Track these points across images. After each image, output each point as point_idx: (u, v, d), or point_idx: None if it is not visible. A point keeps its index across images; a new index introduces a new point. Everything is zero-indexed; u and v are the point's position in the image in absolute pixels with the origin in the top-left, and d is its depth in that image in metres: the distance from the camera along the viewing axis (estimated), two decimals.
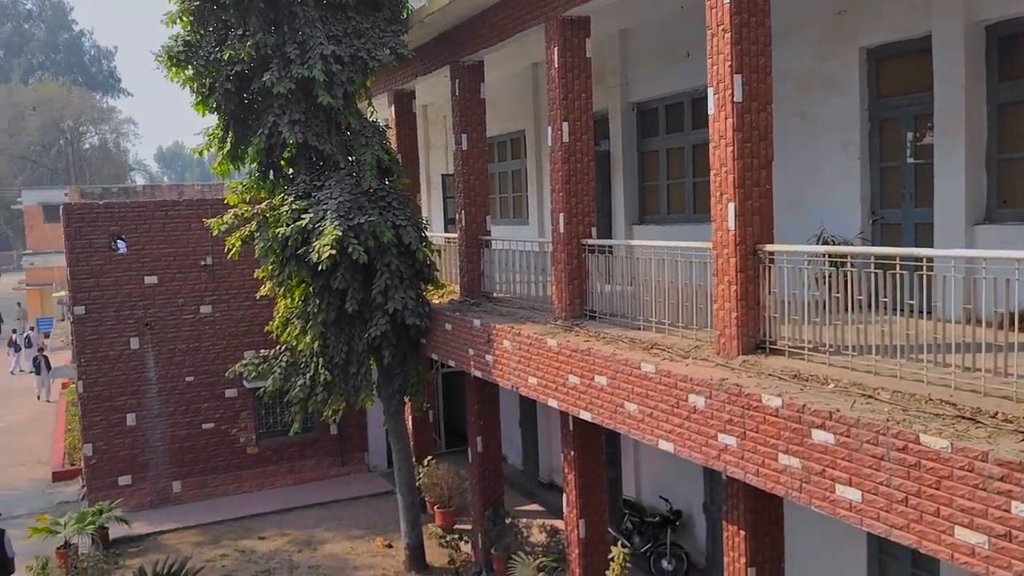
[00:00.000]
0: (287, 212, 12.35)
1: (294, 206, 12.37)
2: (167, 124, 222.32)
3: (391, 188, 13.16)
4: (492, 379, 11.47)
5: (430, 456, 16.36)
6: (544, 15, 10.37)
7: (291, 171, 13.17)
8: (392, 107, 15.83)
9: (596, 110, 10.77)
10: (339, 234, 11.69)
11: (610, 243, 10.53)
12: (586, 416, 9.28)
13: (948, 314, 6.29)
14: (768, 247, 7.47)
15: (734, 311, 7.51)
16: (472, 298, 12.95)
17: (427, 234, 13.43)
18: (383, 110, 15.93)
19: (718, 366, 7.54)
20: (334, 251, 11.66)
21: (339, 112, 12.73)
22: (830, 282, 7.07)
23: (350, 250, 11.88)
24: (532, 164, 16.24)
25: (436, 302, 13.47)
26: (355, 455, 19.25)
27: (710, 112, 7.67)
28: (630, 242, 10.63)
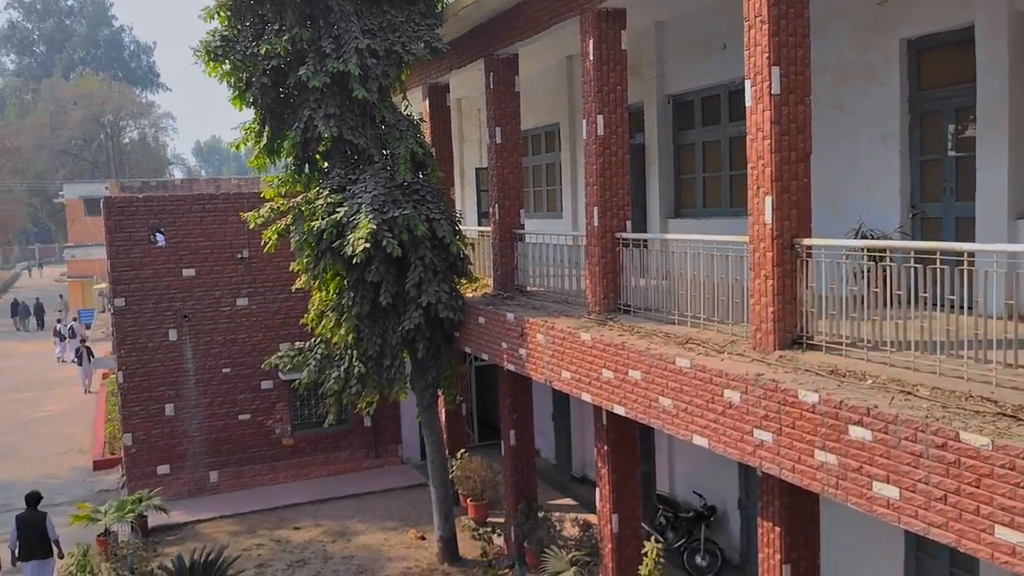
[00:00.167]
0: (322, 206, 12.44)
1: (329, 200, 12.46)
2: (205, 118, 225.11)
3: (425, 182, 13.19)
4: (525, 373, 11.48)
5: (463, 449, 16.42)
6: (579, 7, 10.32)
7: (326, 165, 13.25)
8: (426, 101, 15.86)
9: (631, 103, 10.71)
10: (373, 227, 11.75)
11: (645, 237, 10.47)
12: (620, 411, 9.25)
13: (989, 310, 6.19)
14: (805, 241, 7.39)
15: (771, 306, 7.45)
16: (505, 292, 12.96)
17: (461, 227, 13.45)
18: (417, 104, 15.98)
19: (754, 361, 7.48)
20: (368, 244, 11.72)
21: (374, 106, 12.78)
22: (868, 277, 6.98)
23: (384, 243, 11.94)
24: (566, 157, 16.20)
25: (469, 295, 13.50)
26: (389, 447, 19.37)
27: (747, 105, 7.60)
28: (665, 236, 10.57)
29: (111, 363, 21.99)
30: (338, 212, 12.21)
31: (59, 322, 39.15)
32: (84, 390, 29.38)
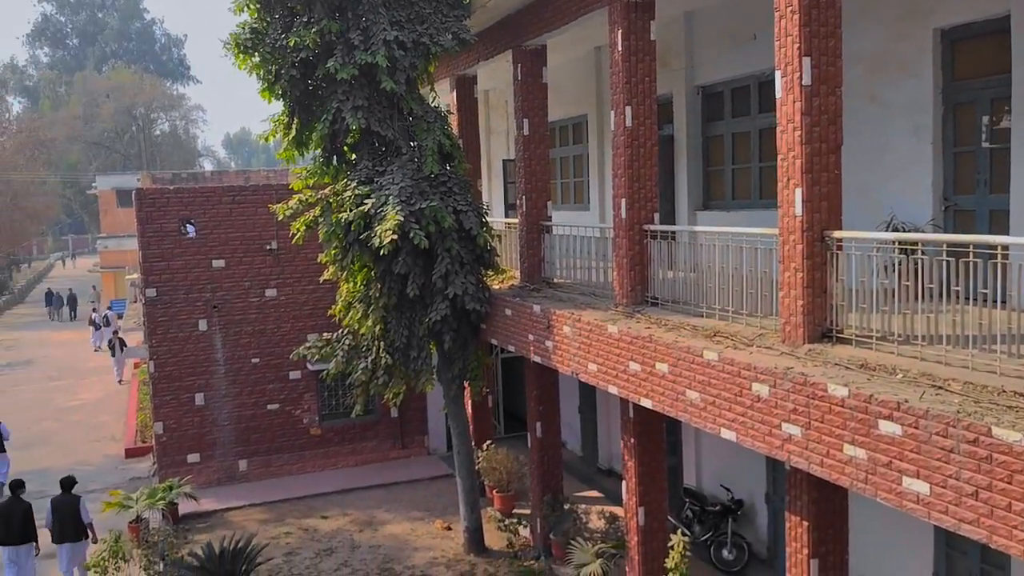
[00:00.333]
0: (350, 197, 12.50)
1: (357, 191, 12.51)
2: (234, 111, 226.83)
3: (452, 173, 13.21)
4: (552, 365, 11.48)
5: (489, 440, 16.45)
6: None
7: (354, 157, 13.29)
8: (454, 92, 15.87)
9: (660, 94, 10.64)
10: (401, 219, 11.79)
11: (673, 229, 10.42)
12: (647, 403, 9.23)
13: (1023, 304, 6.09)
14: (836, 233, 7.31)
15: (800, 299, 7.38)
16: (532, 284, 12.95)
17: (487, 219, 13.46)
18: (445, 95, 15.98)
19: (783, 354, 7.43)
20: (396, 236, 11.76)
21: (401, 98, 12.81)
22: (900, 270, 6.89)
23: (411, 235, 11.97)
24: (594, 149, 16.14)
25: (496, 287, 13.51)
26: (415, 438, 19.47)
27: (778, 95, 7.52)
28: (694, 228, 10.50)
29: (143, 352, 22.29)
30: (366, 204, 12.26)
31: (94, 311, 39.72)
32: (118, 380, 29.76)
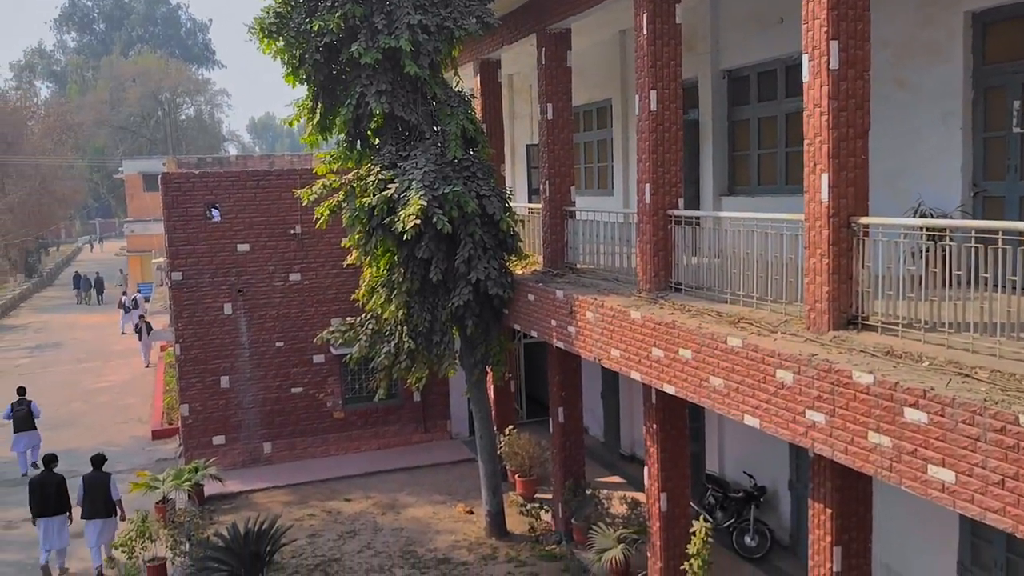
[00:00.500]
0: (373, 182, 12.52)
1: (380, 176, 12.53)
2: (258, 95, 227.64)
3: (475, 158, 13.19)
4: (574, 350, 11.47)
5: (511, 425, 16.49)
6: None
7: (377, 141, 13.31)
8: (477, 77, 15.82)
9: (685, 78, 10.55)
10: (424, 204, 11.80)
11: (698, 214, 10.35)
12: (669, 389, 9.21)
13: None
14: (863, 220, 7.23)
15: (825, 285, 7.32)
16: (555, 269, 12.93)
17: (511, 204, 13.43)
18: (468, 80, 15.95)
19: (807, 341, 7.38)
20: (419, 221, 11.78)
21: (425, 82, 12.80)
22: (927, 257, 6.82)
23: (434, 220, 11.98)
24: (618, 134, 16.05)
25: (519, 272, 13.50)
26: (437, 422, 19.55)
27: (804, 80, 7.44)
28: (719, 213, 10.44)
29: (169, 336, 22.51)
30: (389, 188, 12.28)
31: (124, 294, 40.16)
32: (145, 364, 30.06)
